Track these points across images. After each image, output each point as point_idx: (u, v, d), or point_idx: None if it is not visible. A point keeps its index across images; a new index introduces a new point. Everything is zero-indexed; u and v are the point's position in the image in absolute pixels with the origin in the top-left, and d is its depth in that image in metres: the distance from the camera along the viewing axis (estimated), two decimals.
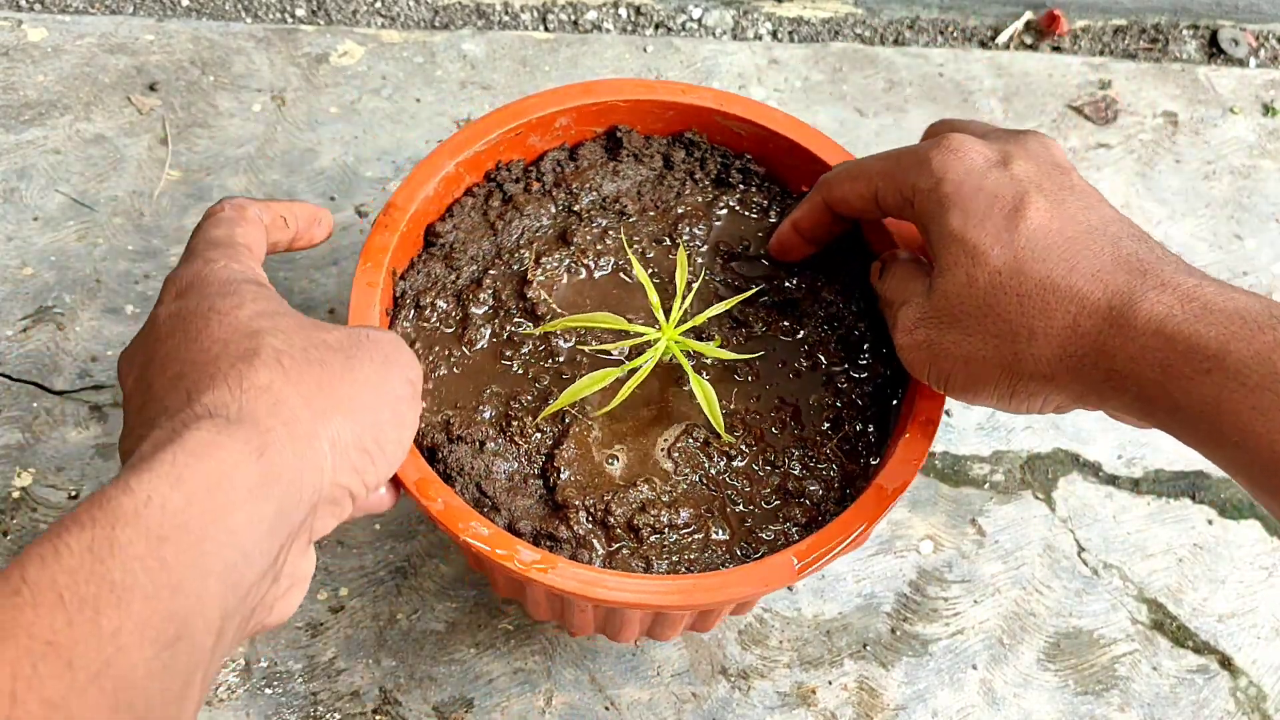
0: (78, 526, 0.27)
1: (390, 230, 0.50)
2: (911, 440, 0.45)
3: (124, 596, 0.26)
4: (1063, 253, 0.38)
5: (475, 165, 0.54)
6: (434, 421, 0.47)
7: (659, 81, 0.55)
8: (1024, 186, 0.40)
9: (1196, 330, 0.35)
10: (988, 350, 0.40)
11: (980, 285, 0.39)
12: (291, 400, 0.33)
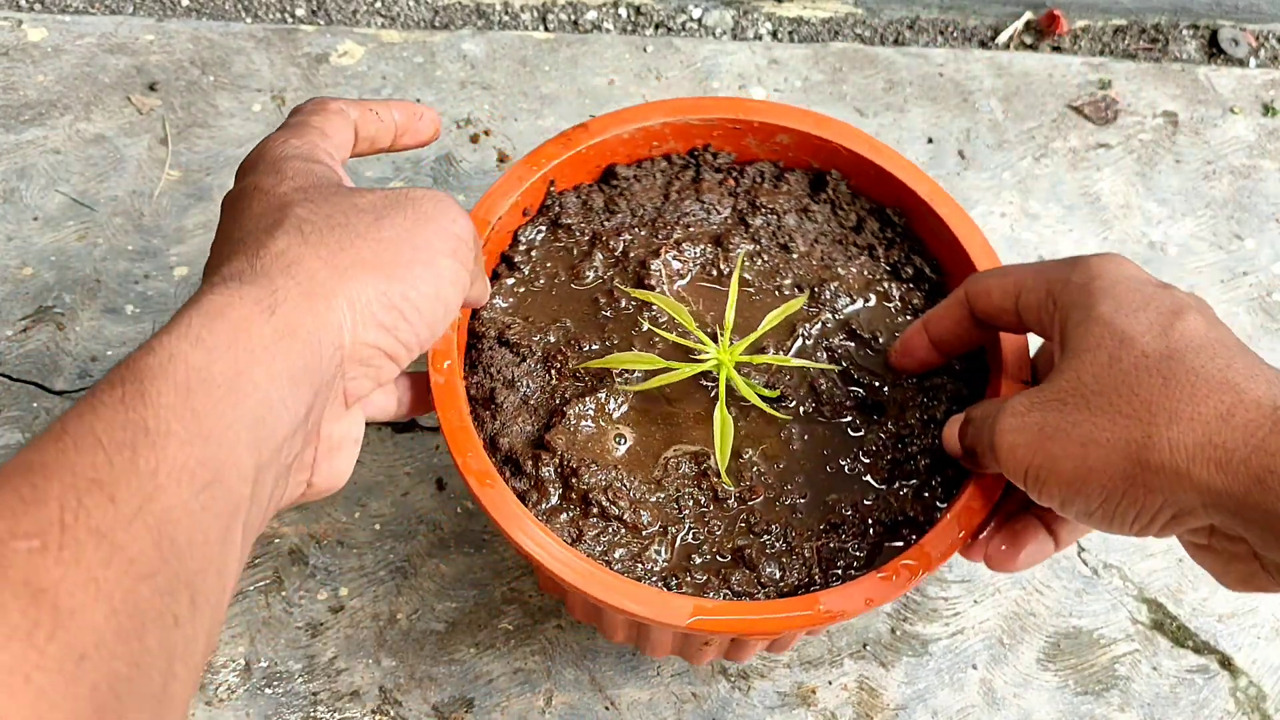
0: (108, 385, 0.29)
1: (568, 146, 0.51)
2: (882, 584, 0.42)
3: (158, 441, 0.28)
4: (1216, 352, 0.36)
5: (683, 134, 0.54)
6: (500, 319, 0.49)
7: (901, 158, 0.53)
8: (1183, 302, 0.39)
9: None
10: (1114, 431, 0.36)
11: (1123, 365, 0.37)
12: (308, 261, 0.34)
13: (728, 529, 0.46)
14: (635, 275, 0.51)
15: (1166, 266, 0.72)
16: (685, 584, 0.45)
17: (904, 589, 0.42)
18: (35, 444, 0.27)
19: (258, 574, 0.58)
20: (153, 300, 0.66)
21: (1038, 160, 0.76)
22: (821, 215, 0.54)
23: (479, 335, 0.49)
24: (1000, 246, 0.72)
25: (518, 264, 0.52)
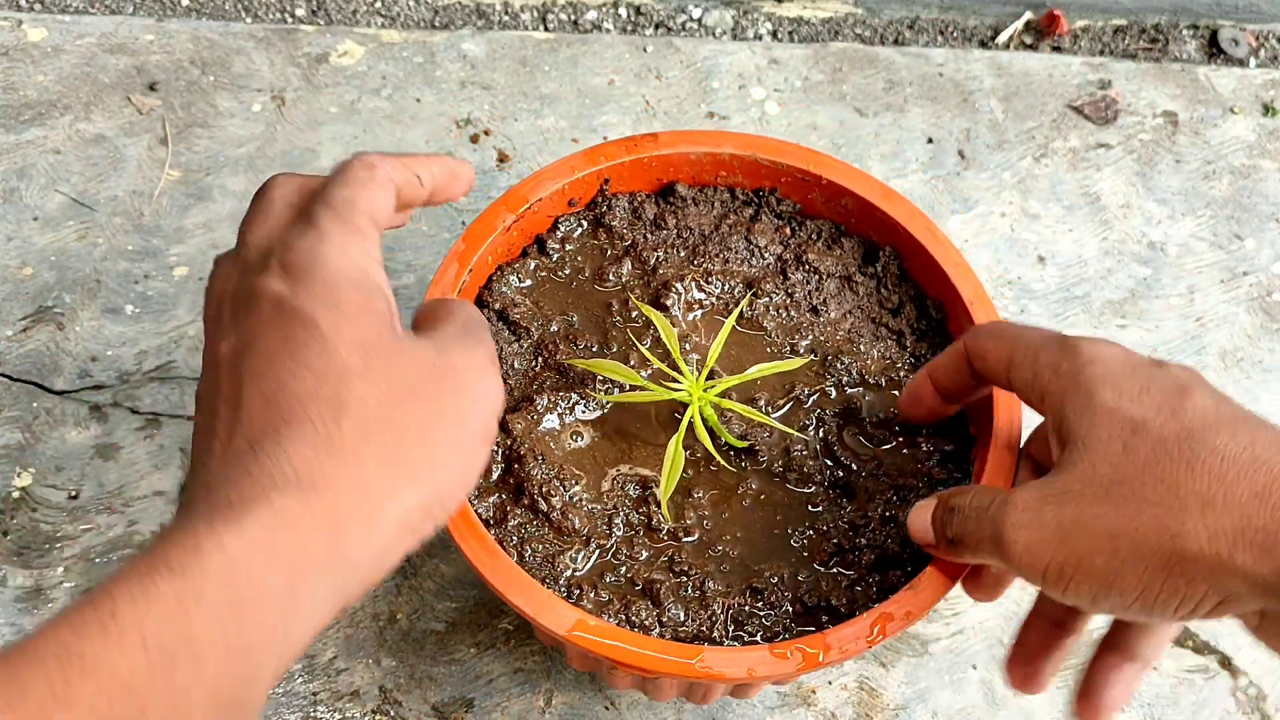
0: (168, 571, 0.27)
1: (631, 151, 0.52)
2: (773, 659, 0.41)
3: (200, 655, 0.27)
4: (1236, 428, 0.35)
5: (751, 171, 0.53)
6: (511, 296, 0.50)
7: (954, 250, 0.51)
8: (1183, 379, 0.37)
9: None
10: (1144, 521, 0.34)
11: (1141, 453, 0.35)
12: (369, 471, 0.32)
13: (650, 560, 0.45)
14: (654, 292, 0.51)
15: (1166, 267, 0.72)
16: (587, 598, 0.44)
17: (792, 672, 0.41)
18: (81, 623, 0.26)
19: None
20: (153, 300, 0.66)
21: (1038, 160, 0.76)
22: (864, 289, 0.53)
23: (484, 304, 0.50)
24: (1000, 247, 0.72)
25: (549, 249, 0.52)
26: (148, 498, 0.60)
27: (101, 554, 0.58)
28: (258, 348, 0.34)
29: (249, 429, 0.32)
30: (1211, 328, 0.70)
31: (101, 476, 0.60)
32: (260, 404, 0.33)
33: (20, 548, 0.58)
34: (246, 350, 0.34)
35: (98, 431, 0.61)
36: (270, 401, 0.32)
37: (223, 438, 0.32)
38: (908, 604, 0.42)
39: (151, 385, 0.63)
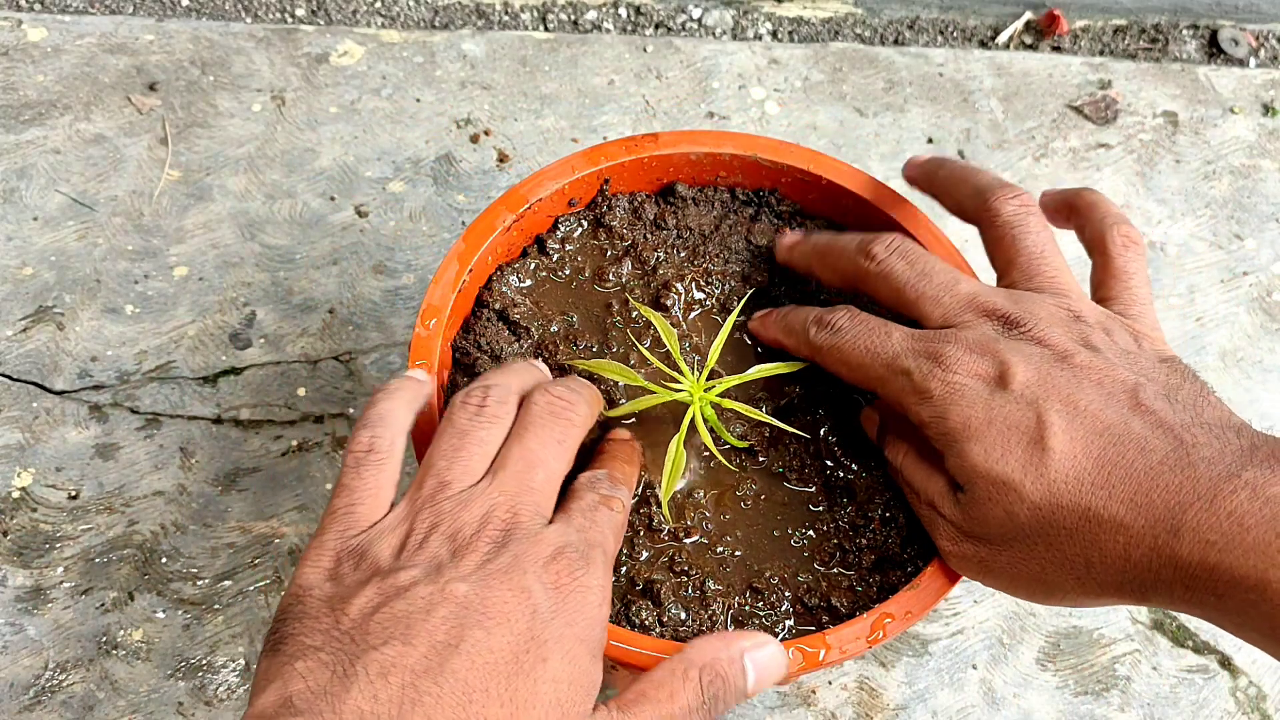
0: None
1: (632, 151, 0.51)
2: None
3: None
4: (1095, 479, 0.37)
5: (752, 172, 0.53)
6: (511, 295, 0.50)
7: (957, 254, 0.52)
8: (1035, 407, 0.39)
9: (1235, 561, 0.34)
10: (1050, 573, 0.39)
11: (1023, 520, 0.38)
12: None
13: (650, 560, 0.45)
14: (655, 293, 0.51)
15: (1166, 267, 0.72)
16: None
17: (793, 672, 0.41)
18: None
19: (258, 574, 0.58)
20: (153, 300, 0.66)
21: (1038, 160, 0.76)
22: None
23: (484, 304, 0.49)
24: None
25: (549, 249, 0.52)
26: (147, 498, 0.60)
27: (101, 554, 0.58)
28: (469, 654, 0.33)
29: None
30: (1211, 328, 0.70)
31: (101, 476, 0.60)
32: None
33: (20, 548, 0.58)
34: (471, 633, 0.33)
35: (98, 431, 0.61)
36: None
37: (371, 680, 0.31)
38: (908, 604, 0.42)
39: (151, 385, 0.63)
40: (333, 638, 0.32)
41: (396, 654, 0.31)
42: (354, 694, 0.30)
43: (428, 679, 0.31)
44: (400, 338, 0.65)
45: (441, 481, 0.37)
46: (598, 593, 0.36)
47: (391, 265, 0.68)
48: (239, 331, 0.65)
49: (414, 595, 0.33)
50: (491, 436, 0.39)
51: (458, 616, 0.33)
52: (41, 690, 0.55)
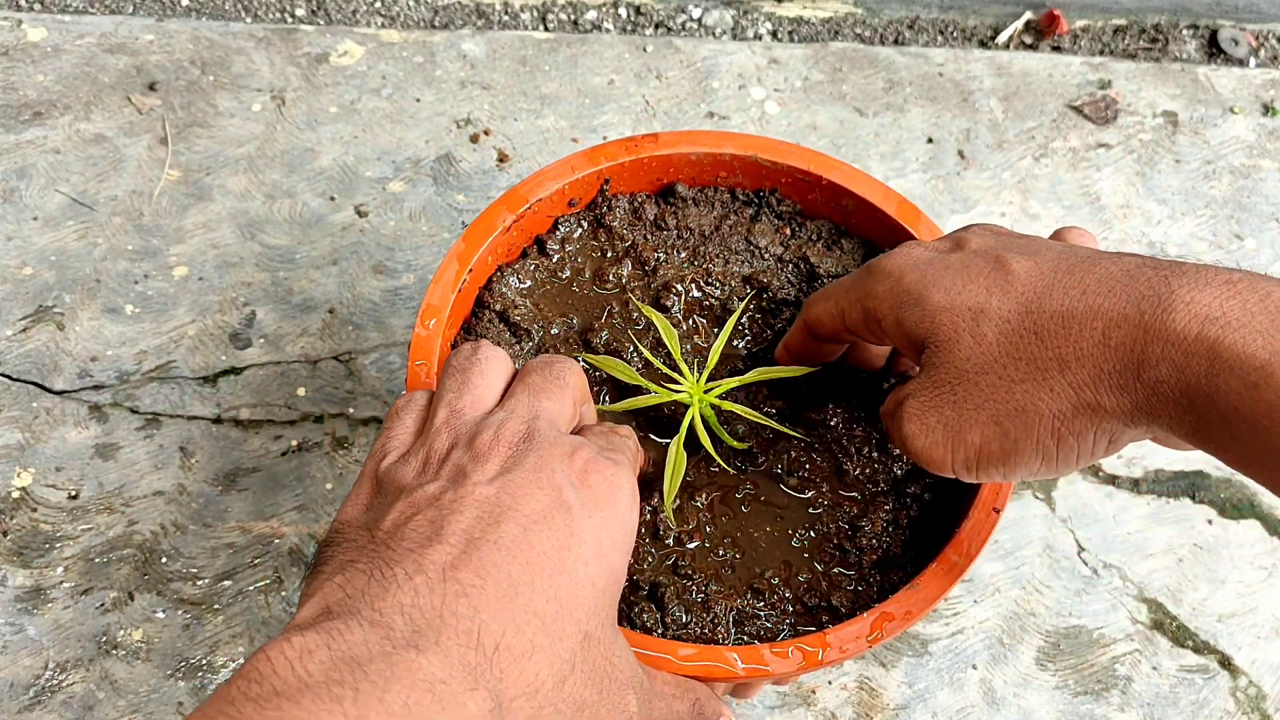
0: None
1: (631, 151, 0.51)
2: (773, 657, 0.41)
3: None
4: (1066, 281, 0.36)
5: (752, 172, 0.53)
6: (511, 297, 0.50)
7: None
8: (991, 252, 0.39)
9: (1241, 337, 0.32)
10: (1019, 398, 0.36)
11: (990, 339, 0.37)
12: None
13: (654, 564, 0.45)
14: (655, 293, 0.51)
15: None
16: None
17: (792, 671, 0.41)
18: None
19: (258, 574, 0.58)
20: (153, 300, 0.66)
21: (1038, 160, 0.76)
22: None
23: (484, 304, 0.49)
24: None
25: (549, 250, 0.52)
26: (148, 498, 0.60)
27: (101, 554, 0.58)
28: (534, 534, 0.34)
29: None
30: None
31: (101, 476, 0.60)
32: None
33: (20, 548, 0.58)
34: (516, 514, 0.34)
35: (98, 431, 0.61)
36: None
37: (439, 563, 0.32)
38: (908, 604, 0.42)
39: (151, 385, 0.63)
40: (367, 551, 0.32)
41: (433, 553, 0.32)
42: (393, 592, 0.30)
43: (468, 571, 0.31)
44: (400, 338, 0.65)
45: (453, 409, 0.38)
46: (627, 493, 0.37)
47: (391, 265, 0.68)
48: (239, 331, 0.65)
49: (442, 501, 0.34)
50: (492, 371, 0.40)
51: (490, 513, 0.33)
52: (41, 690, 0.55)
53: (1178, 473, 0.65)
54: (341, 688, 0.27)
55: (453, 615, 0.30)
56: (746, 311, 0.51)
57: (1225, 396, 0.32)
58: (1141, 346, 0.34)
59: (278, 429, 0.62)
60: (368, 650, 0.28)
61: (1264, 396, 0.31)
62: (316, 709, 0.26)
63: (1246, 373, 0.31)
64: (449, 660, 0.29)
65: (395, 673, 0.28)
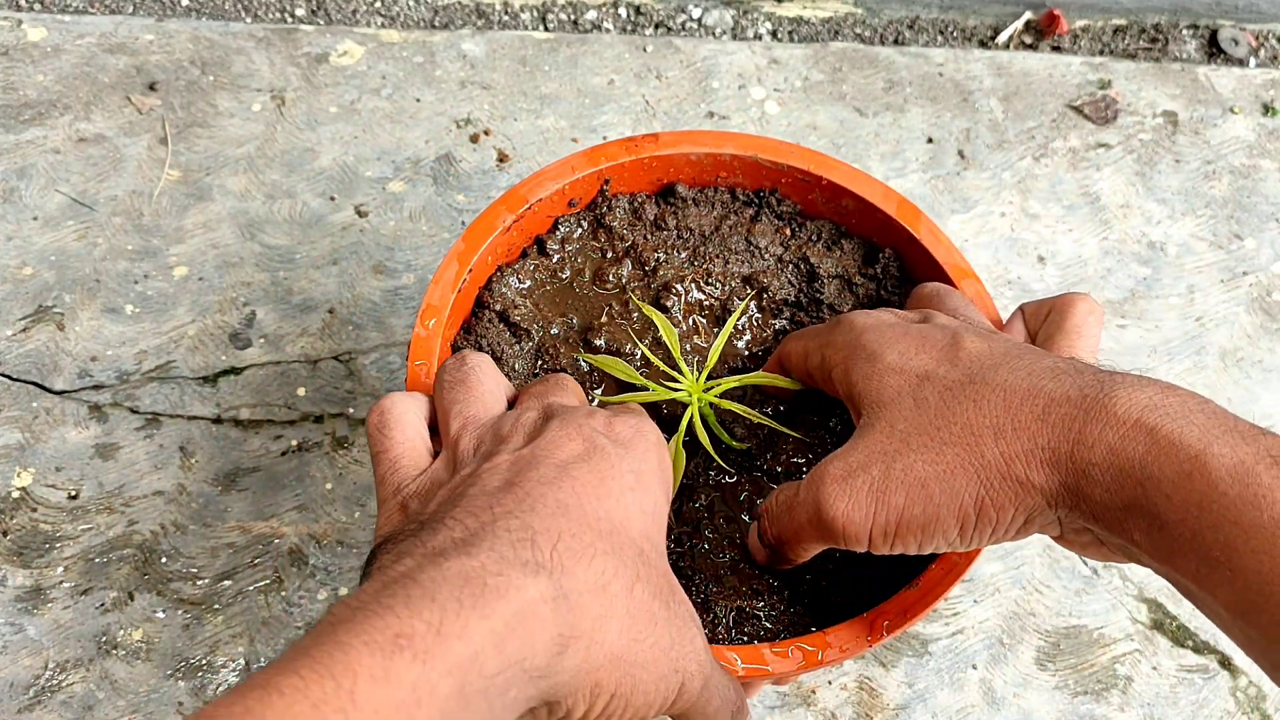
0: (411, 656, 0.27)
1: (631, 151, 0.51)
2: (774, 657, 0.41)
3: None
4: (1014, 364, 0.37)
5: (752, 172, 0.53)
6: (510, 297, 0.50)
7: (957, 252, 0.51)
8: (951, 328, 0.40)
9: (1179, 426, 0.32)
10: (948, 462, 0.36)
11: (931, 403, 0.37)
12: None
13: None
14: (655, 294, 0.51)
15: (1166, 266, 0.72)
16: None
17: (792, 671, 0.41)
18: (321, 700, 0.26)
19: (258, 574, 0.58)
20: (152, 300, 0.66)
21: (1038, 160, 0.76)
22: (864, 290, 0.52)
23: (484, 304, 0.49)
24: (1000, 246, 0.72)
25: (549, 250, 0.52)
26: (147, 497, 0.60)
27: (101, 554, 0.58)
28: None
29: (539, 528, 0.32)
30: (1211, 327, 0.70)
31: (101, 476, 0.60)
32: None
33: (20, 548, 0.58)
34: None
35: (97, 431, 0.61)
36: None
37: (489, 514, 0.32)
38: (908, 604, 0.42)
39: (151, 385, 0.63)
40: (411, 532, 0.33)
41: (479, 498, 0.32)
42: (442, 534, 0.31)
43: (514, 500, 0.32)
44: (400, 338, 0.65)
45: (466, 418, 0.39)
46: (655, 435, 0.38)
47: (391, 265, 0.68)
48: (239, 331, 0.65)
49: (478, 471, 0.34)
50: (487, 375, 0.41)
51: (527, 462, 0.34)
52: (41, 690, 0.55)
53: None
54: (393, 598, 0.28)
55: (504, 530, 0.31)
56: (746, 312, 0.51)
57: (1157, 483, 0.32)
58: (1080, 425, 0.34)
59: (278, 429, 0.62)
60: (419, 568, 0.29)
61: (1196, 486, 0.31)
62: (369, 618, 0.27)
63: (1181, 461, 0.32)
64: (503, 557, 0.30)
65: (446, 576, 0.28)
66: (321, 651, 0.26)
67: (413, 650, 0.26)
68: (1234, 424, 0.32)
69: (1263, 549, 0.30)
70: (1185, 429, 0.32)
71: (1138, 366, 0.68)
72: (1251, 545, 0.30)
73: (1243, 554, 0.30)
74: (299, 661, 0.26)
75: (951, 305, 0.45)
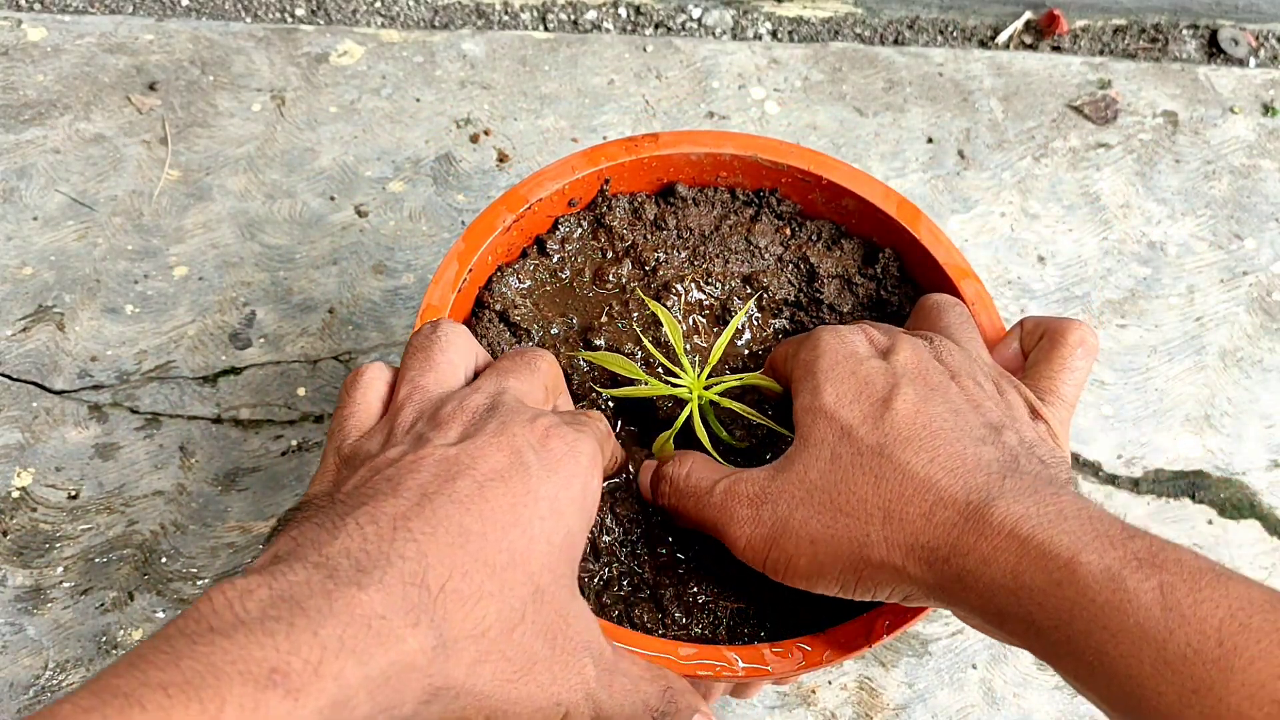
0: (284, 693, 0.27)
1: (632, 151, 0.51)
2: (775, 657, 0.42)
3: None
4: (924, 443, 0.38)
5: (752, 172, 0.53)
6: (511, 297, 0.50)
7: (957, 253, 0.51)
8: (897, 378, 0.40)
9: (1050, 537, 0.33)
10: (838, 529, 0.38)
11: (844, 462, 0.38)
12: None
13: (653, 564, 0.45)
14: (655, 293, 0.51)
15: (1166, 266, 0.72)
16: (589, 602, 0.44)
17: (793, 671, 0.41)
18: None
19: None
20: (152, 300, 0.66)
21: (1038, 160, 0.76)
22: (864, 290, 0.52)
23: (484, 304, 0.49)
24: (1000, 246, 0.72)
25: (549, 250, 0.52)
26: (147, 497, 0.60)
27: (101, 554, 0.58)
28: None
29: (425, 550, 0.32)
30: (1211, 328, 0.70)
31: (101, 476, 0.60)
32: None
33: (20, 548, 0.58)
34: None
35: (97, 431, 0.61)
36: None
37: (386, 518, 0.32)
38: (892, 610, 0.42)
39: (151, 385, 0.63)
40: (324, 510, 0.33)
41: (386, 505, 0.32)
42: (341, 538, 0.31)
43: (418, 520, 0.32)
44: (400, 338, 0.65)
45: (416, 385, 0.39)
46: (587, 456, 0.37)
47: (391, 265, 0.68)
48: (239, 331, 0.65)
49: (402, 463, 0.34)
50: (453, 347, 0.41)
51: (447, 470, 0.33)
52: (41, 690, 0.55)
53: (1178, 473, 0.65)
54: (277, 623, 0.27)
55: (399, 558, 0.30)
56: (747, 312, 0.51)
57: (1029, 592, 0.33)
58: (959, 533, 0.35)
59: (278, 429, 0.62)
60: (308, 588, 0.29)
61: (1066, 594, 0.32)
62: (248, 643, 0.27)
63: (1051, 570, 0.33)
64: (391, 597, 0.29)
65: (333, 608, 0.28)
66: (194, 670, 0.26)
67: (286, 687, 0.26)
68: (1105, 529, 0.33)
69: (1130, 653, 0.31)
70: (1056, 538, 0.33)
71: (1137, 366, 0.68)
72: (1121, 649, 0.31)
73: (1114, 658, 0.31)
74: (168, 673, 0.26)
75: (945, 323, 0.44)
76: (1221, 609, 0.30)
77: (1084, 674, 0.32)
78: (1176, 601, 0.30)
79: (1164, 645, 0.30)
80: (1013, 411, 0.40)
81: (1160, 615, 0.30)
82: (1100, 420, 0.66)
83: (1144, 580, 0.31)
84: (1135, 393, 0.67)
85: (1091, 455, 0.65)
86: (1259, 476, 0.65)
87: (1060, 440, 0.41)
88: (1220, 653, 0.29)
